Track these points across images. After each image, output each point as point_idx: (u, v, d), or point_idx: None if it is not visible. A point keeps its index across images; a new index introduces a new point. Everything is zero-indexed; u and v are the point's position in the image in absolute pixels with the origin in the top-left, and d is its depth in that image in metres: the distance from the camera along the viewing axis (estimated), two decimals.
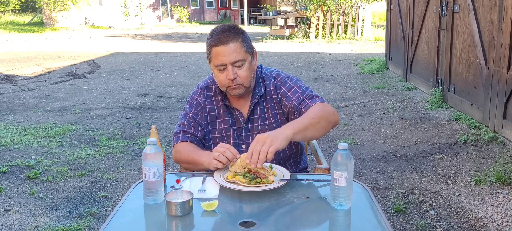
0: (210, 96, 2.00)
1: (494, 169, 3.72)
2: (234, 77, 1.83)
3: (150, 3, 34.03)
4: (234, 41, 1.82)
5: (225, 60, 1.81)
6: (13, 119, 5.99)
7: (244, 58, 1.84)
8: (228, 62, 1.82)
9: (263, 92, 1.96)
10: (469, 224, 2.97)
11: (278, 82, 1.96)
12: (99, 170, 4.06)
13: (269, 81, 1.97)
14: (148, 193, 1.53)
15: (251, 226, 1.38)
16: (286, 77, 1.98)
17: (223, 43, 1.81)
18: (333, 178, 1.48)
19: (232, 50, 1.81)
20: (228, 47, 1.81)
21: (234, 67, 1.83)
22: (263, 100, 1.97)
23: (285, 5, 27.49)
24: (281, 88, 1.95)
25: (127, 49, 15.77)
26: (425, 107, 6.01)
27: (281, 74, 2.00)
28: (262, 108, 1.96)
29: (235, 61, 1.82)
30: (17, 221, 3.11)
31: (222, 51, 1.81)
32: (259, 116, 1.96)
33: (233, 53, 1.81)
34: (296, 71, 9.76)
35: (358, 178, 3.69)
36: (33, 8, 36.28)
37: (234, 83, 1.84)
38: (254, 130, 1.95)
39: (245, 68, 1.85)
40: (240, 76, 1.84)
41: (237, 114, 1.97)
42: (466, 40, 5.26)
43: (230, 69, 1.82)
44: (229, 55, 1.81)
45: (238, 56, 1.82)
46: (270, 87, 1.96)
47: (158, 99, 7.13)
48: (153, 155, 1.52)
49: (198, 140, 1.97)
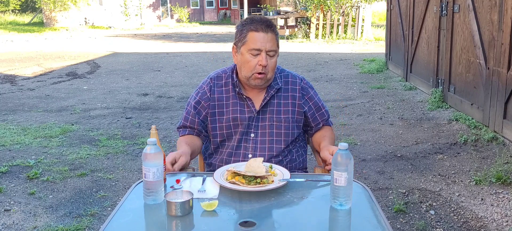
0: (220, 86, 2.08)
1: (494, 169, 3.72)
2: (266, 63, 1.94)
3: (150, 3, 34.02)
4: (271, 32, 1.96)
5: (262, 46, 1.94)
6: (13, 119, 5.99)
7: (276, 50, 1.98)
8: (264, 49, 1.94)
9: (280, 86, 2.06)
10: (469, 224, 2.97)
11: (305, 85, 2.13)
12: (99, 170, 4.06)
13: (294, 79, 2.11)
14: (148, 193, 1.53)
15: (251, 226, 1.38)
16: (310, 86, 2.17)
17: (263, 30, 1.95)
18: (333, 178, 1.48)
19: (270, 39, 1.95)
20: (267, 36, 1.94)
21: (267, 55, 1.95)
22: (280, 95, 2.06)
23: (285, 5, 27.50)
24: (309, 92, 2.12)
25: (127, 49, 15.77)
26: (425, 107, 6.01)
27: (304, 79, 2.17)
28: (278, 102, 2.05)
29: (270, 50, 1.95)
30: (17, 221, 3.11)
31: (261, 38, 1.94)
32: (274, 109, 2.04)
33: (270, 42, 1.95)
34: (296, 71, 9.74)
35: (358, 178, 3.69)
36: (33, 8, 36.28)
37: (264, 70, 1.95)
38: (265, 121, 2.03)
39: (274, 60, 1.98)
40: (269, 65, 1.96)
41: (249, 104, 2.04)
42: (466, 40, 5.26)
43: (264, 56, 1.94)
44: (266, 42, 1.94)
45: (273, 46, 1.96)
46: (295, 86, 2.09)
47: (158, 99, 7.13)
48: (153, 155, 1.52)
49: (197, 129, 2.08)
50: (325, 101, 6.67)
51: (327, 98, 6.87)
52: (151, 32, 25.92)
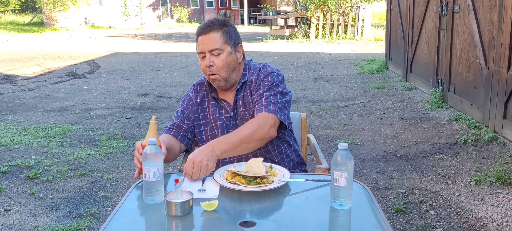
0: (202, 91, 2.12)
1: (494, 169, 3.72)
2: (210, 64, 1.94)
3: (150, 3, 34.02)
4: (214, 31, 1.94)
5: (204, 48, 1.95)
6: (13, 119, 5.99)
7: (221, 48, 1.94)
8: (206, 50, 1.95)
9: (245, 80, 2.04)
10: (469, 224, 2.97)
11: (261, 73, 2.04)
12: (99, 170, 4.06)
13: (254, 71, 2.06)
14: (148, 193, 1.53)
15: (251, 226, 1.38)
16: (269, 72, 2.04)
17: (204, 32, 1.95)
18: (333, 178, 1.47)
19: (211, 39, 1.94)
20: (208, 36, 1.94)
21: (212, 56, 1.95)
22: (244, 87, 2.05)
23: (285, 5, 27.51)
24: (261, 78, 2.02)
25: (127, 49, 15.77)
26: (425, 107, 6.01)
27: (266, 67, 2.06)
28: (244, 95, 2.05)
29: (212, 49, 1.94)
30: (17, 221, 3.11)
31: (202, 40, 1.95)
32: (242, 102, 2.03)
33: (211, 42, 1.94)
34: (296, 71, 9.77)
35: (358, 178, 3.69)
36: (33, 8, 36.27)
37: (210, 71, 1.95)
38: (239, 117, 2.03)
39: (221, 58, 1.95)
40: (216, 64, 1.94)
41: (224, 105, 2.06)
42: (466, 40, 5.26)
43: (208, 56, 1.95)
44: (207, 43, 1.94)
45: (215, 45, 1.93)
46: (253, 76, 2.05)
47: (158, 99, 7.13)
48: (153, 155, 1.52)
49: (183, 133, 2.08)
50: (325, 101, 6.70)
51: (327, 98, 6.88)
52: (151, 32, 25.92)
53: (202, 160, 1.69)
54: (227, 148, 1.78)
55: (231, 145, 1.79)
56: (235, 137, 1.82)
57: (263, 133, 1.86)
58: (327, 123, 5.48)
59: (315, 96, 7.07)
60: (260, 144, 1.89)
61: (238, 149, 1.82)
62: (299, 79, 8.74)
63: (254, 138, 1.84)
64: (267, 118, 1.90)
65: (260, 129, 1.86)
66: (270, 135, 1.89)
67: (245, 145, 1.83)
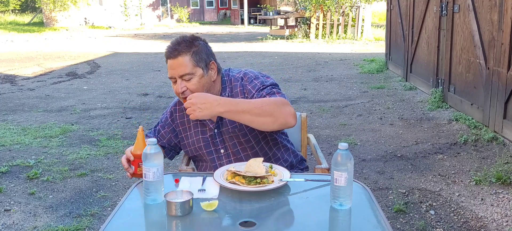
0: (182, 110, 2.02)
1: (494, 169, 3.72)
2: (183, 90, 1.84)
3: (150, 3, 34.02)
4: (182, 55, 1.82)
5: (174, 73, 1.84)
6: (13, 119, 5.99)
7: (192, 72, 1.83)
8: (176, 76, 1.84)
9: (227, 95, 1.93)
10: (469, 224, 2.97)
11: (245, 82, 1.93)
12: (99, 170, 4.06)
13: (236, 82, 1.95)
14: (148, 193, 1.53)
15: (251, 226, 1.38)
16: (253, 77, 1.94)
17: (172, 56, 1.83)
18: (333, 178, 1.47)
19: (179, 64, 1.82)
20: (177, 61, 1.82)
21: (183, 81, 1.84)
22: None
23: (285, 5, 27.51)
24: (247, 87, 1.92)
25: (127, 49, 15.77)
26: (425, 107, 6.01)
27: (248, 73, 1.96)
28: None
29: (183, 75, 1.83)
30: (17, 221, 3.11)
31: (171, 65, 1.84)
32: (227, 120, 1.91)
33: (181, 67, 1.82)
34: (296, 71, 9.77)
35: (358, 178, 3.69)
36: (33, 8, 36.27)
37: (183, 95, 1.85)
38: (225, 134, 1.94)
39: (194, 82, 1.84)
40: (189, 89, 1.83)
41: (207, 122, 1.95)
42: (466, 40, 5.26)
43: (179, 82, 1.84)
44: (176, 68, 1.83)
45: (185, 70, 1.82)
46: (237, 89, 1.93)
47: (158, 99, 7.13)
48: (153, 155, 1.52)
49: (163, 142, 2.06)
50: (325, 101, 6.70)
51: (327, 98, 6.88)
52: (151, 32, 25.92)
53: (197, 103, 1.66)
54: (231, 109, 1.69)
55: (237, 107, 1.70)
56: (248, 103, 1.73)
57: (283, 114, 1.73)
58: (327, 123, 5.48)
59: (315, 96, 7.07)
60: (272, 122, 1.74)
61: (244, 116, 1.71)
62: (299, 79, 8.74)
63: (267, 112, 1.71)
64: (284, 100, 1.78)
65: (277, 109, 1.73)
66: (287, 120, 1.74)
67: (256, 116, 1.71)
